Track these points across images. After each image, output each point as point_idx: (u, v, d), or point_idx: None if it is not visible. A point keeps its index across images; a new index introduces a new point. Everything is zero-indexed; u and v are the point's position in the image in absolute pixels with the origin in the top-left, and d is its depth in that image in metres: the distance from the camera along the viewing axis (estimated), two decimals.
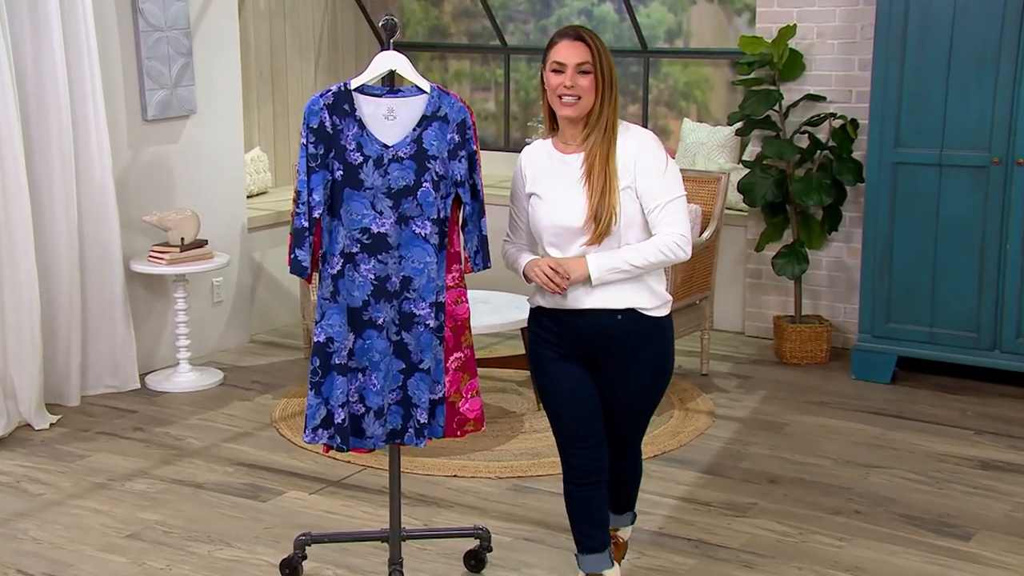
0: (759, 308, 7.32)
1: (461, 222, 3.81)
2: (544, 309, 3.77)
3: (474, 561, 4.32)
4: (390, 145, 3.69)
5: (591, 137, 3.63)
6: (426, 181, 3.69)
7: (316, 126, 3.67)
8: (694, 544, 4.54)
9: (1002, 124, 5.94)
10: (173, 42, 6.51)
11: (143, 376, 6.47)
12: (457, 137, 3.71)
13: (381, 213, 3.70)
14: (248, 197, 7.41)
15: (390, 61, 3.76)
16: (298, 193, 3.71)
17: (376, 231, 3.71)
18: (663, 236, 3.63)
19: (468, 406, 3.87)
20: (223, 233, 6.95)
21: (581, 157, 3.65)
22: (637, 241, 3.65)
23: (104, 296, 6.25)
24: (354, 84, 3.72)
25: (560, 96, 3.60)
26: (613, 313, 3.67)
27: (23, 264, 5.74)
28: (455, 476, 5.18)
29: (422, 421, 3.80)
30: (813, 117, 6.69)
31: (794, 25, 6.70)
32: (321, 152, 3.68)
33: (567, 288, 3.64)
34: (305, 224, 3.70)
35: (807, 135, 6.72)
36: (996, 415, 5.98)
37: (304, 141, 3.68)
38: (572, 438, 3.76)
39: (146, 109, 6.47)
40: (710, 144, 7.53)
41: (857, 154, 6.69)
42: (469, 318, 3.86)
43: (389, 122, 3.69)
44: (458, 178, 3.73)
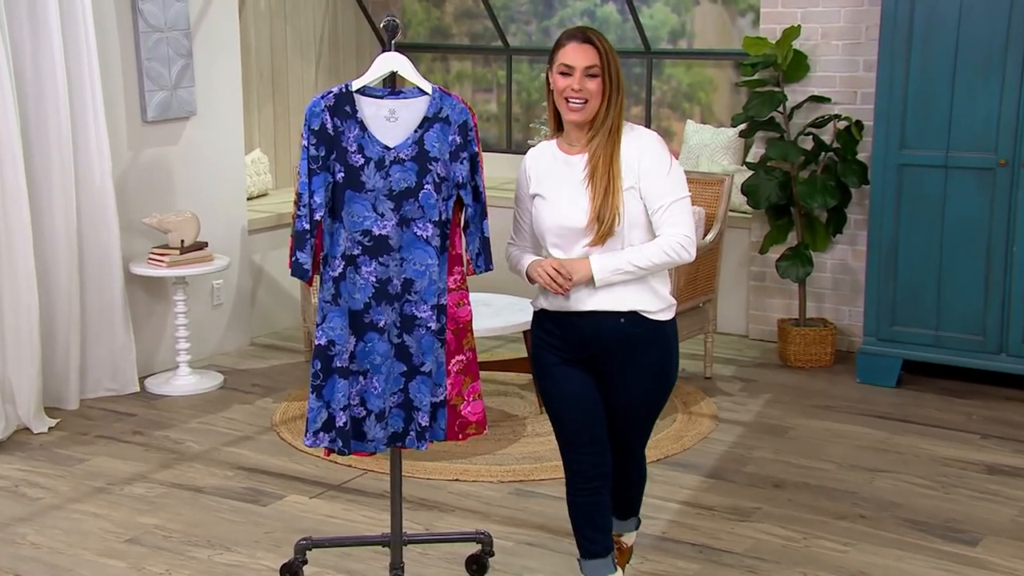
0: (763, 311, 7.31)
1: (463, 224, 3.81)
2: (547, 312, 3.75)
3: (476, 566, 4.30)
4: (391, 147, 3.68)
5: (596, 139, 3.62)
6: (428, 183, 3.68)
7: (317, 128, 3.66)
8: (698, 549, 4.53)
9: (1008, 125, 5.93)
10: (173, 43, 6.50)
11: (142, 379, 6.47)
12: (459, 139, 3.70)
13: (382, 215, 3.70)
14: (248, 199, 7.41)
15: (391, 62, 3.76)
16: (299, 195, 3.70)
17: (377, 233, 3.70)
18: (667, 237, 3.62)
19: (470, 409, 3.86)
20: (223, 235, 6.95)
21: (585, 158, 3.64)
22: (641, 242, 3.64)
23: (103, 299, 6.25)
24: (355, 85, 3.71)
25: (567, 99, 3.59)
26: (616, 316, 3.66)
27: (22, 266, 5.73)
28: (457, 480, 5.18)
29: (423, 424, 3.80)
30: (817, 119, 6.69)
31: (798, 26, 6.69)
32: (322, 154, 3.67)
33: (570, 289, 3.62)
34: (306, 226, 3.70)
35: (811, 137, 6.71)
36: (1002, 419, 5.96)
37: (305, 143, 3.68)
38: (575, 443, 3.74)
39: (146, 110, 6.47)
40: (713, 146, 7.52)
41: (862, 156, 6.67)
42: (471, 320, 3.85)
43: (390, 124, 3.68)
44: (460, 180, 3.73)
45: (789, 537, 4.63)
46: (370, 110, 3.69)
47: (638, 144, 3.64)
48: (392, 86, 3.77)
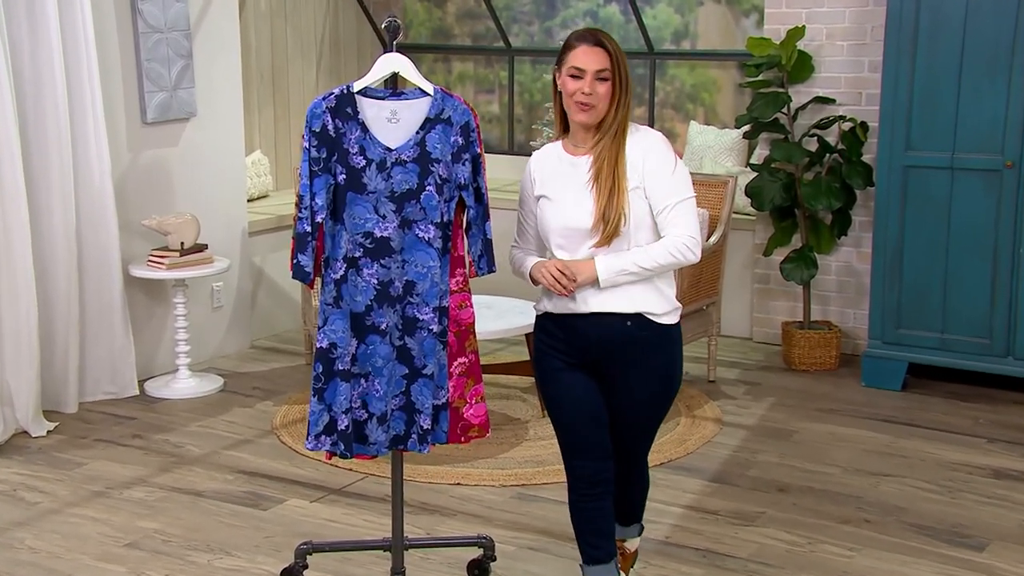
0: (767, 314, 7.31)
1: (465, 225, 3.80)
2: (551, 315, 3.73)
3: (478, 571, 4.29)
4: (393, 148, 3.68)
5: (602, 140, 3.62)
6: (429, 185, 3.68)
7: (318, 129, 3.66)
8: (701, 554, 4.52)
9: (1015, 126, 5.91)
10: (173, 44, 6.50)
11: (142, 382, 6.46)
12: (461, 140, 3.70)
13: (384, 217, 3.69)
14: (249, 201, 7.42)
15: (393, 63, 3.75)
16: (300, 197, 3.70)
17: (379, 235, 3.69)
18: (672, 238, 3.61)
19: (472, 411, 3.86)
20: (223, 237, 6.95)
21: (590, 159, 3.63)
22: (647, 243, 3.63)
23: (102, 301, 6.24)
24: (357, 87, 3.71)
25: (577, 102, 3.58)
26: (622, 318, 3.65)
27: (21, 268, 5.73)
28: (458, 484, 5.17)
29: (425, 427, 3.79)
30: (822, 120, 6.68)
31: (803, 26, 6.69)
32: (324, 156, 3.66)
33: (574, 290, 3.60)
34: (307, 229, 3.70)
35: (816, 138, 6.71)
36: (1009, 423, 5.95)
37: (306, 145, 3.67)
38: (578, 448, 3.73)
39: (145, 112, 6.46)
40: (717, 147, 7.52)
41: (867, 157, 6.66)
42: (473, 322, 3.85)
43: (392, 125, 3.68)
44: (462, 181, 3.72)
45: (793, 542, 4.61)
46: (371, 111, 3.68)
47: (643, 145, 3.63)
48: (394, 87, 3.76)
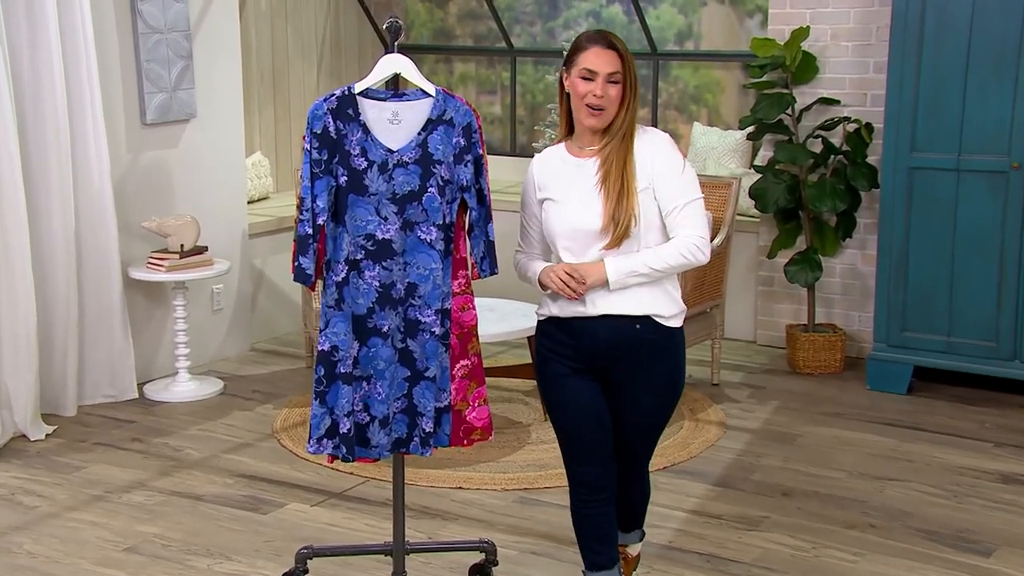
0: (771, 316, 7.30)
1: (467, 227, 3.80)
2: (557, 320, 3.70)
3: (479, 575, 4.27)
4: (395, 150, 3.68)
5: (611, 142, 3.60)
6: (431, 186, 3.68)
7: (320, 131, 3.66)
8: (705, 559, 4.51)
9: (1022, 127, 5.90)
10: (173, 44, 6.50)
11: (141, 385, 6.46)
12: (463, 141, 3.69)
13: (386, 219, 3.69)
14: (249, 203, 7.42)
15: (394, 64, 3.75)
16: (301, 199, 3.70)
17: (381, 237, 3.69)
18: (683, 238, 3.60)
19: (475, 414, 3.85)
20: (223, 239, 6.95)
21: (597, 161, 3.61)
22: (656, 244, 3.62)
23: (102, 303, 6.23)
24: (358, 88, 3.71)
25: (588, 105, 3.57)
26: (631, 321, 3.63)
27: (19, 271, 5.72)
28: (460, 488, 5.16)
29: (428, 430, 3.79)
30: (827, 121, 6.67)
31: (807, 27, 6.68)
32: (325, 158, 3.67)
33: (584, 293, 3.58)
34: (309, 231, 3.70)
35: (820, 139, 6.70)
36: (1016, 427, 5.93)
37: (307, 146, 3.67)
38: (582, 455, 3.71)
39: (145, 113, 6.46)
40: (721, 149, 7.51)
41: (872, 159, 6.66)
42: (476, 325, 3.84)
43: (394, 126, 3.68)
44: (464, 183, 3.72)
45: (798, 547, 4.60)
46: (373, 113, 3.68)
47: (652, 146, 3.62)
48: (395, 88, 3.76)
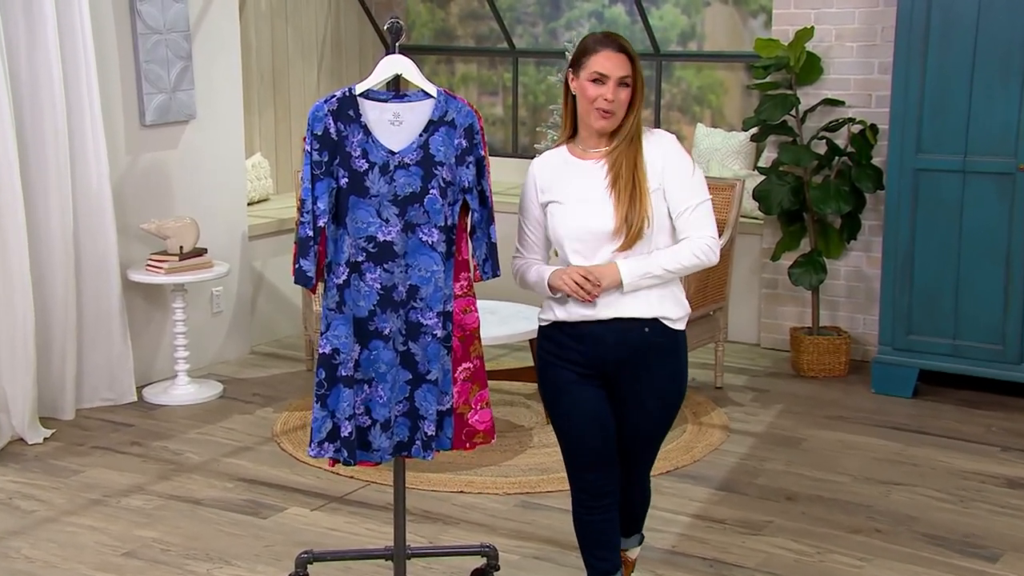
0: (775, 319, 7.29)
1: (469, 229, 3.78)
2: (563, 326, 3.67)
3: None
4: (396, 151, 3.66)
5: (619, 145, 3.59)
6: (433, 188, 3.66)
7: (320, 132, 3.65)
8: (708, 563, 4.50)
9: None
10: (172, 45, 6.49)
11: (140, 389, 6.46)
12: (464, 142, 3.68)
13: (387, 221, 3.67)
14: (249, 204, 7.42)
15: (395, 65, 3.73)
16: (302, 202, 3.68)
17: (382, 239, 3.67)
18: (695, 239, 3.60)
19: (477, 417, 3.84)
20: (223, 241, 6.94)
21: (603, 163, 3.60)
22: (665, 245, 3.61)
23: (100, 306, 6.23)
24: (359, 89, 3.69)
25: (598, 109, 3.55)
26: (640, 324, 3.61)
27: (17, 273, 5.72)
28: (461, 492, 5.16)
29: (429, 433, 3.77)
30: (831, 122, 6.67)
31: (812, 27, 6.67)
32: (326, 159, 3.65)
33: (598, 295, 3.56)
34: (309, 233, 3.68)
35: (825, 141, 6.70)
36: (1023, 431, 5.90)
37: (308, 148, 3.66)
38: (586, 462, 3.70)
39: (144, 114, 6.46)
40: (724, 150, 7.50)
41: (877, 160, 6.64)
42: (478, 327, 3.83)
43: (395, 128, 3.67)
44: (466, 184, 3.70)
45: (802, 551, 4.59)
46: (374, 114, 3.67)
47: (660, 148, 3.62)
48: (396, 89, 3.74)
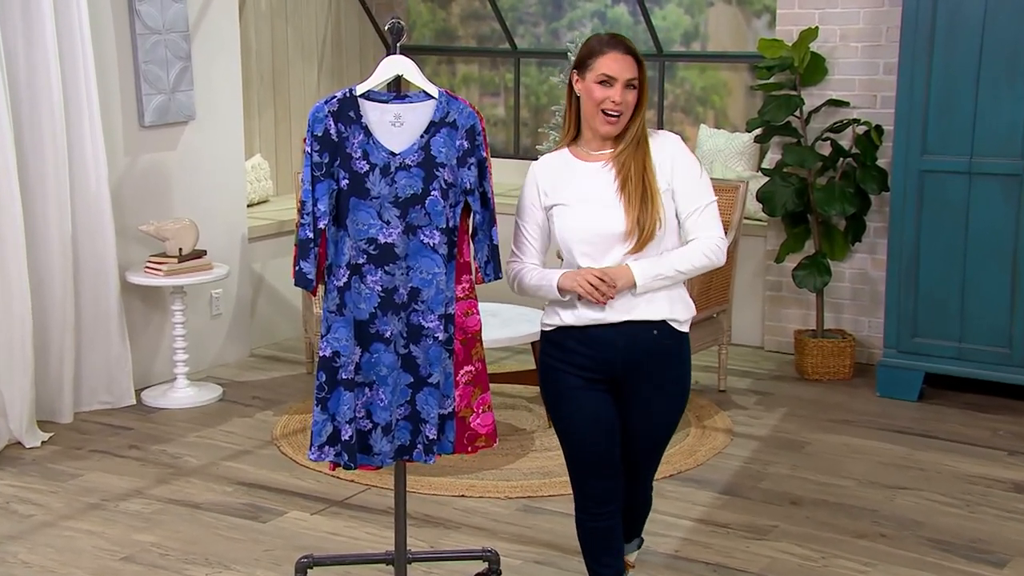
0: (779, 322, 7.28)
1: (471, 231, 3.76)
2: (570, 330, 3.63)
3: None
4: (397, 153, 3.64)
5: (625, 148, 3.58)
6: (434, 189, 3.64)
7: (321, 134, 3.63)
8: (712, 568, 4.48)
9: None
10: (171, 45, 6.49)
11: (139, 392, 6.46)
12: (466, 143, 3.66)
13: (388, 223, 3.65)
14: (249, 206, 7.43)
15: (396, 65, 3.71)
16: (302, 203, 3.66)
17: (383, 241, 3.65)
18: (705, 240, 3.60)
19: (479, 421, 3.82)
20: (223, 243, 6.94)
21: (610, 165, 3.58)
22: (674, 246, 3.61)
23: (99, 308, 6.22)
24: (360, 90, 3.67)
25: (604, 111, 3.54)
26: (649, 327, 3.60)
27: (15, 275, 5.71)
28: (463, 496, 5.14)
29: (431, 437, 3.75)
30: (836, 123, 6.66)
31: (816, 27, 6.67)
32: (326, 161, 3.63)
33: (613, 297, 3.54)
34: (310, 235, 3.66)
35: (829, 142, 6.69)
36: None
37: (308, 149, 3.64)
38: (591, 468, 3.68)
39: (143, 115, 6.45)
40: (728, 151, 7.50)
41: (882, 162, 6.64)
42: (480, 330, 3.81)
43: (396, 129, 3.65)
44: (467, 186, 3.68)
45: (807, 556, 4.57)
46: (375, 115, 3.65)
47: (667, 149, 3.61)
48: (397, 90, 3.72)
